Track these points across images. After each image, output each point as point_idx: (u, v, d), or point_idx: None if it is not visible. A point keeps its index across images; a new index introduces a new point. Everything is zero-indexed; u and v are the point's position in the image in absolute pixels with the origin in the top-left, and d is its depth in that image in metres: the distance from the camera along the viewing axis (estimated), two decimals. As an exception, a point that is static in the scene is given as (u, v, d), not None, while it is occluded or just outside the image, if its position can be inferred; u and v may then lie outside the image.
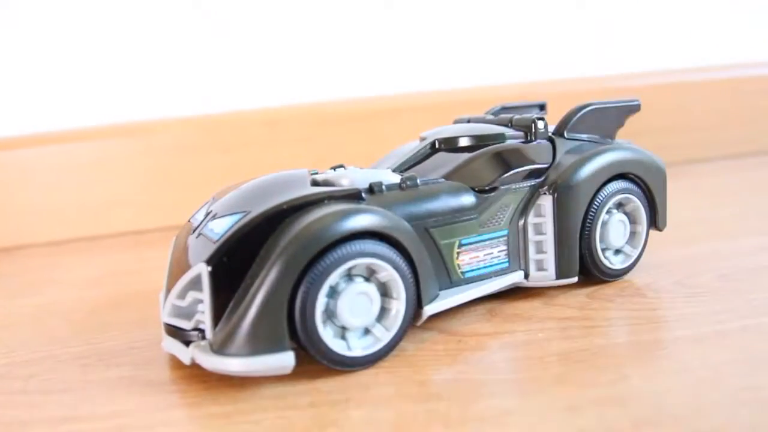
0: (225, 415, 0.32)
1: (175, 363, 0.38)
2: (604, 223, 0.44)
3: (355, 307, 0.35)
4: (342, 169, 0.43)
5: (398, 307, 0.36)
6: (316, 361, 0.34)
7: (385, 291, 0.36)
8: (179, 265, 0.37)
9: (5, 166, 0.70)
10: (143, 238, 0.70)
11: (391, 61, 0.79)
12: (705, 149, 0.86)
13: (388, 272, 0.35)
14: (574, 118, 0.46)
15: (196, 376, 0.36)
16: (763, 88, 0.87)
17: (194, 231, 0.38)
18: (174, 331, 0.36)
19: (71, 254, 0.67)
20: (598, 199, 0.43)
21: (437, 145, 0.45)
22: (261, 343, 0.32)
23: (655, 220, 0.46)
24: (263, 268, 0.33)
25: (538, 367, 0.34)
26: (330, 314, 0.34)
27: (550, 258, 0.42)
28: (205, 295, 0.34)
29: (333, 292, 0.34)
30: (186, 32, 0.74)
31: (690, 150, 0.86)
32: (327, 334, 0.34)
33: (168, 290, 0.37)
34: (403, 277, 0.36)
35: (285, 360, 0.33)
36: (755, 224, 0.57)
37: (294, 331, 0.33)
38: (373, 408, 0.32)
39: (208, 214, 0.38)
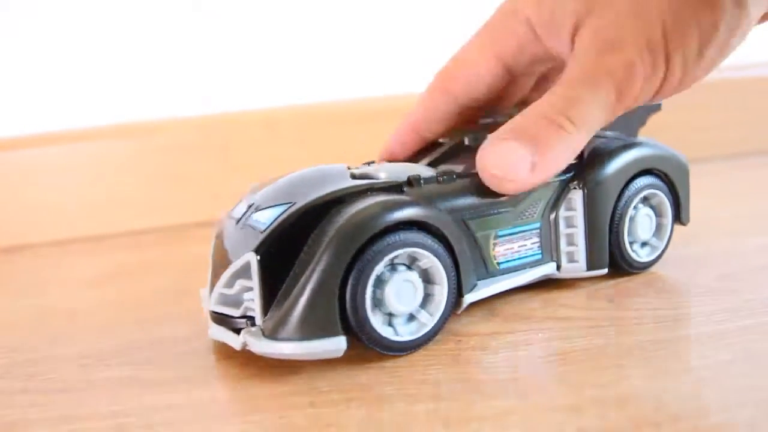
0: (224, 415, 0.32)
1: (175, 363, 0.38)
2: (632, 218, 0.44)
3: (402, 294, 0.36)
4: (375, 164, 0.44)
5: (441, 292, 0.37)
6: (366, 347, 0.35)
7: (426, 278, 0.37)
8: (222, 258, 0.38)
9: (6, 166, 0.70)
10: (144, 238, 0.70)
11: (391, 61, 0.79)
12: (705, 149, 0.86)
13: (429, 259, 0.36)
14: None
15: (196, 376, 0.36)
16: (763, 89, 0.87)
17: (238, 223, 0.39)
18: (221, 319, 0.37)
19: (72, 254, 0.67)
20: (626, 194, 0.44)
21: (467, 143, 0.45)
22: (313, 328, 0.33)
23: (678, 215, 0.47)
24: (313, 256, 0.34)
25: (538, 367, 0.34)
26: (376, 302, 0.35)
27: (581, 250, 0.43)
28: (255, 282, 0.35)
29: (378, 281, 0.35)
30: (186, 32, 0.74)
31: (690, 150, 0.85)
32: (377, 322, 0.35)
33: (212, 283, 0.38)
34: (444, 264, 0.37)
35: (338, 343, 0.34)
36: (756, 224, 0.57)
37: (343, 318, 0.34)
38: (373, 408, 0.32)
39: (250, 206, 0.39)
